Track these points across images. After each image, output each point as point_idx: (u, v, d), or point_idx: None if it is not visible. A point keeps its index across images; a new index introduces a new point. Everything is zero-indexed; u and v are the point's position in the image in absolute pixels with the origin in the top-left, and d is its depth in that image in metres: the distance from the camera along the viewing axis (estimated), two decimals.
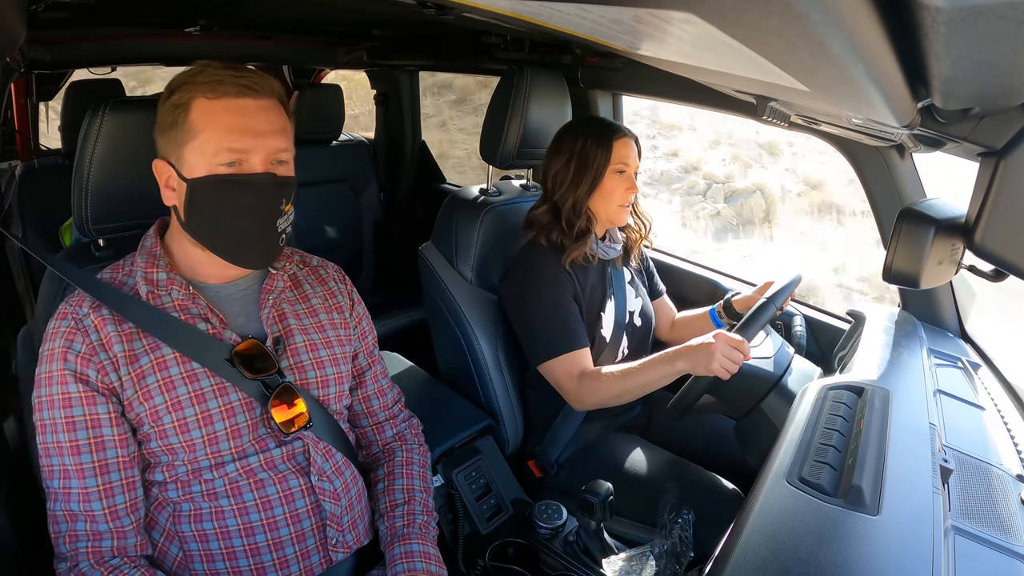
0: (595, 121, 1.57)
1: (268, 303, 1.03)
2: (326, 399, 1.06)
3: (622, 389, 1.38)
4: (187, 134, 0.91)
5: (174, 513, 0.96)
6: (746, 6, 0.34)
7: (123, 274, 1.00)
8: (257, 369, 0.97)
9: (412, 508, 1.10)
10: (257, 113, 0.92)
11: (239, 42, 2.25)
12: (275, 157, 0.94)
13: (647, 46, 0.73)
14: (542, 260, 1.49)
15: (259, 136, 0.92)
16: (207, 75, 0.91)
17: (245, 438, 0.96)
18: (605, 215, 1.53)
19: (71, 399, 0.90)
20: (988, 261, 0.79)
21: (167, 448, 0.93)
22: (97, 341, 0.91)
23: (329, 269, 1.19)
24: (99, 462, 0.90)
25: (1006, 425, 1.12)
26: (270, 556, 0.97)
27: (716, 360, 1.22)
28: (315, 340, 1.07)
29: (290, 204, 0.98)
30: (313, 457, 1.01)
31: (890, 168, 1.44)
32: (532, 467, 1.60)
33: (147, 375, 0.92)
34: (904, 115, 0.68)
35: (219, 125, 0.90)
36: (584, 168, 1.48)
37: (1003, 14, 0.31)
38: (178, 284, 0.97)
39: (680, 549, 1.19)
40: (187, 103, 0.91)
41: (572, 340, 1.44)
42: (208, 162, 0.91)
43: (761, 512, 0.78)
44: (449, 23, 1.45)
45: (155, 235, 1.03)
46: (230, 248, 0.96)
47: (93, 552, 0.90)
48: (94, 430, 0.90)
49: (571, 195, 1.50)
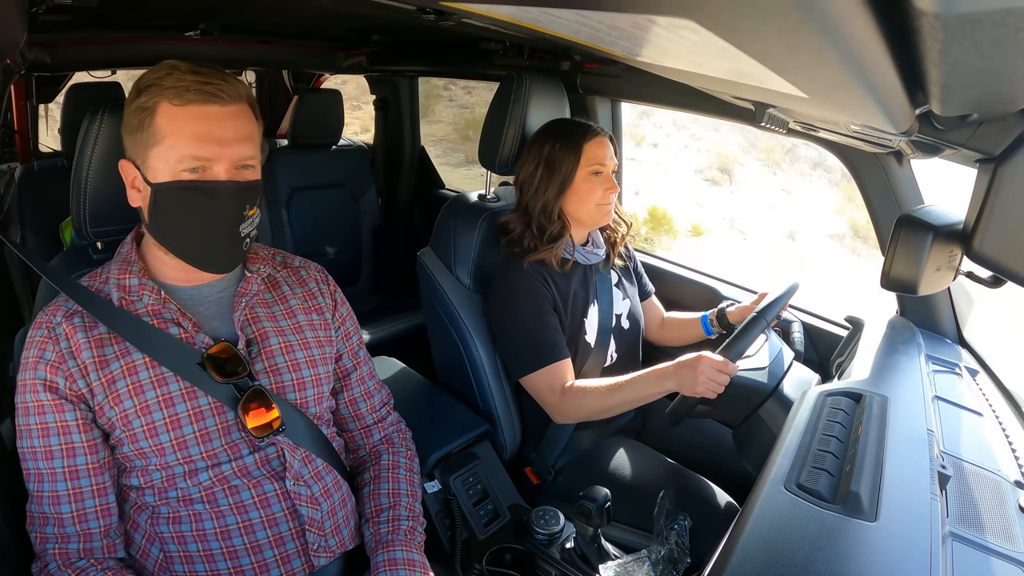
0: (566, 124, 1.55)
1: (241, 305, 1.03)
2: (303, 402, 1.06)
3: (606, 405, 1.37)
4: (152, 138, 0.91)
5: (152, 515, 0.97)
6: (744, 12, 0.35)
7: (99, 281, 1.00)
8: (228, 373, 0.96)
9: (397, 513, 1.10)
10: (223, 120, 0.92)
11: (239, 46, 2.26)
12: (239, 164, 0.95)
13: (646, 52, 0.73)
14: (515, 270, 1.48)
15: (224, 144, 0.92)
16: (174, 79, 0.91)
17: (216, 443, 0.96)
18: (586, 216, 1.51)
19: (43, 407, 0.91)
20: (986, 267, 0.79)
21: (139, 452, 0.94)
22: (67, 348, 0.92)
23: (311, 270, 1.18)
24: (69, 467, 0.92)
25: (1004, 431, 1.12)
26: (248, 560, 0.97)
27: (699, 383, 1.22)
28: (292, 341, 1.06)
29: (255, 208, 0.98)
30: (289, 462, 1.00)
31: (888, 175, 1.44)
32: (529, 474, 1.60)
33: (117, 380, 0.93)
34: (902, 121, 0.68)
35: (183, 132, 0.90)
36: (552, 172, 1.47)
37: (1001, 21, 0.31)
38: (149, 289, 0.98)
39: (677, 555, 1.19)
40: (153, 107, 0.91)
41: (551, 353, 1.43)
42: (172, 168, 0.91)
43: (758, 518, 0.78)
44: (449, 29, 1.45)
45: (132, 241, 1.03)
46: (192, 253, 0.97)
47: (60, 553, 0.92)
48: (65, 436, 0.92)
49: (540, 199, 1.49)
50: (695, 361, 1.24)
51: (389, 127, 3.04)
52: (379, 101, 3.03)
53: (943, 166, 1.08)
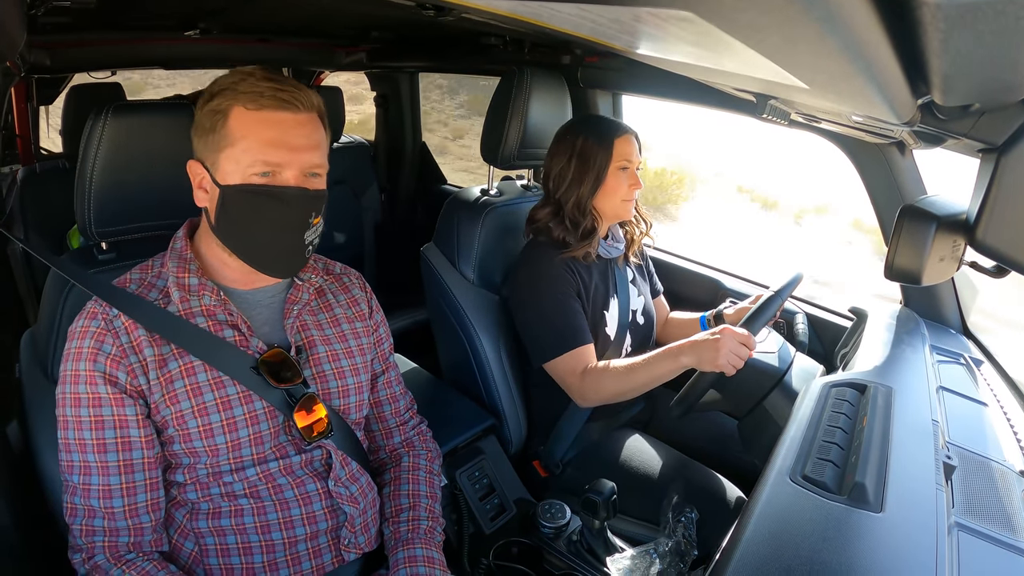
0: (595, 119, 1.57)
1: (292, 313, 1.04)
2: (346, 409, 1.07)
3: (626, 386, 1.38)
4: (224, 140, 0.92)
5: (192, 511, 0.98)
6: (745, 4, 0.35)
7: (152, 275, 1.00)
8: (283, 378, 0.97)
9: (417, 514, 1.11)
10: (295, 128, 0.93)
11: (239, 45, 2.25)
12: (308, 171, 0.95)
13: (647, 45, 0.73)
14: (543, 258, 1.49)
15: (295, 151, 0.93)
16: (249, 84, 0.92)
17: (267, 444, 0.98)
18: (611, 211, 1.52)
19: (100, 399, 0.91)
20: (990, 257, 0.79)
21: (190, 451, 0.95)
22: (128, 344, 0.92)
23: (352, 276, 1.19)
24: (124, 461, 0.92)
25: (1009, 421, 1.11)
26: (283, 553, 0.99)
27: (722, 355, 1.22)
28: (337, 350, 1.08)
29: (319, 217, 0.98)
30: (333, 464, 1.02)
31: (891, 165, 1.44)
32: (537, 467, 1.60)
33: (175, 380, 0.93)
34: (904, 112, 0.68)
35: (256, 136, 0.91)
36: (585, 167, 1.48)
37: (1002, 10, 0.31)
38: (209, 289, 0.98)
39: (684, 548, 1.19)
40: (226, 110, 0.92)
41: (575, 337, 1.44)
42: (242, 171, 0.92)
43: (764, 510, 0.78)
44: (449, 24, 1.45)
45: (184, 237, 1.03)
46: (257, 256, 0.97)
47: (110, 546, 0.92)
48: (122, 430, 0.91)
49: (574, 194, 1.49)
50: (718, 334, 1.24)
51: (390, 123, 3.04)
52: (380, 98, 3.03)
53: (947, 156, 1.08)
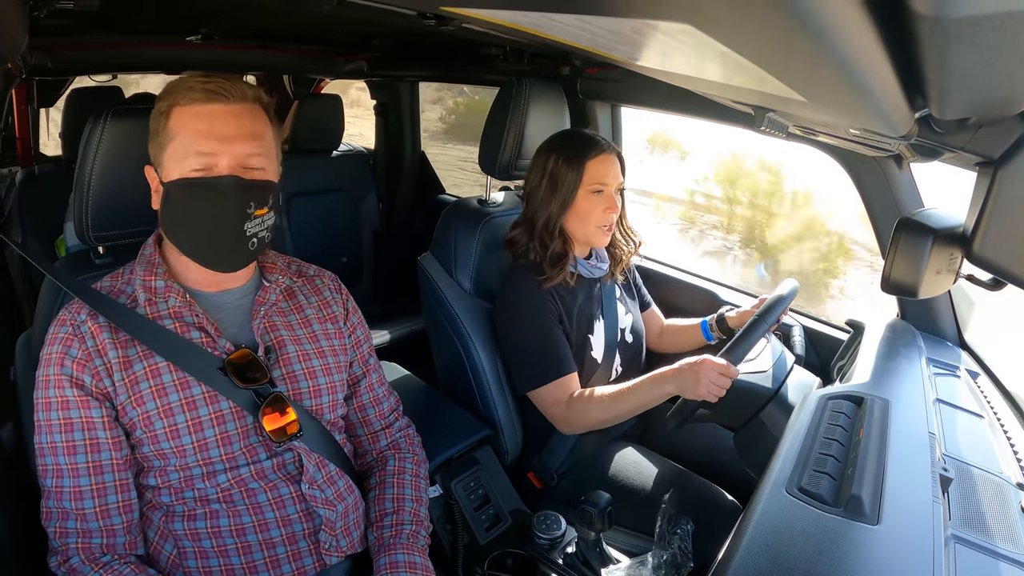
0: (570, 137, 1.51)
1: (260, 314, 1.05)
2: (319, 409, 1.07)
3: (611, 414, 1.37)
4: (166, 140, 0.95)
5: (167, 514, 0.98)
6: (743, 17, 0.35)
7: (122, 282, 1.02)
8: (249, 379, 0.98)
9: (400, 518, 1.10)
10: (227, 118, 0.95)
11: (240, 51, 2.26)
12: (244, 162, 0.96)
13: (646, 57, 0.73)
14: (524, 283, 1.46)
15: (226, 141, 0.94)
16: (184, 83, 0.95)
17: (235, 446, 0.98)
18: (583, 236, 1.49)
19: (68, 402, 0.92)
20: (986, 270, 0.79)
21: (159, 453, 0.95)
22: (93, 347, 0.94)
23: (325, 278, 1.20)
24: (93, 463, 0.93)
25: (1006, 433, 1.12)
26: (261, 555, 0.99)
27: (702, 386, 1.22)
28: (308, 350, 1.08)
29: (265, 208, 0.98)
30: (305, 467, 1.02)
31: (888, 178, 1.45)
32: (532, 479, 1.59)
33: (140, 381, 0.94)
34: (901, 125, 0.69)
35: (189, 130, 0.94)
36: (555, 188, 1.44)
37: (1000, 24, 0.31)
38: (175, 292, 1.00)
39: (680, 560, 1.19)
40: (167, 110, 0.95)
41: (558, 367, 1.42)
42: (180, 166, 0.94)
43: (760, 522, 0.77)
44: (449, 34, 1.46)
45: (154, 244, 1.05)
46: (199, 250, 0.99)
47: (83, 548, 0.92)
48: (90, 432, 0.93)
49: (543, 214, 1.46)
50: (697, 364, 1.24)
51: (389, 132, 3.04)
52: (379, 106, 3.04)
53: (945, 170, 1.08)
